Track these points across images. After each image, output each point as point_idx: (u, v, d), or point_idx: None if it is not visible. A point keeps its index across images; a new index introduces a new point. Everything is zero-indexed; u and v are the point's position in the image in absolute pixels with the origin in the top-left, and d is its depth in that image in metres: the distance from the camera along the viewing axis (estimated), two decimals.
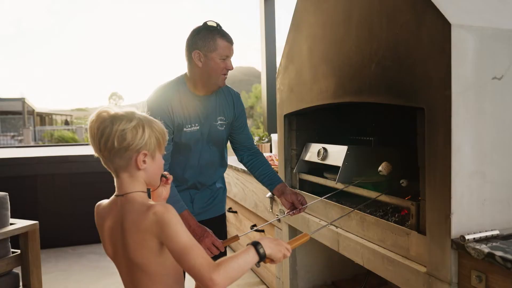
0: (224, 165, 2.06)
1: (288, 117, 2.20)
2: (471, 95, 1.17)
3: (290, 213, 1.86)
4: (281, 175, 2.26)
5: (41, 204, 4.04)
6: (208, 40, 1.75)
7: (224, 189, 2.12)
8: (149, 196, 1.23)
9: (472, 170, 1.18)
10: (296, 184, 2.16)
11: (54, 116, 37.78)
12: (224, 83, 1.85)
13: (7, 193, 2.44)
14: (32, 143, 18.42)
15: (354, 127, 2.21)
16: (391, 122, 2.05)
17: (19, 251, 2.43)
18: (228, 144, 2.08)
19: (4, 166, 3.97)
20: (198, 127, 1.86)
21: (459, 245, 1.15)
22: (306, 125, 2.20)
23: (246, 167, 2.08)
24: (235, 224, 3.63)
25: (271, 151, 3.58)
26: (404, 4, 1.31)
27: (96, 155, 1.15)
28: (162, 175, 1.24)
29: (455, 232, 1.17)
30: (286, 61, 2.15)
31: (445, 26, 1.14)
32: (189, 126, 1.84)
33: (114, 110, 1.12)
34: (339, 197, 1.91)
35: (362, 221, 1.61)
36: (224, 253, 1.83)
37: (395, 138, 1.99)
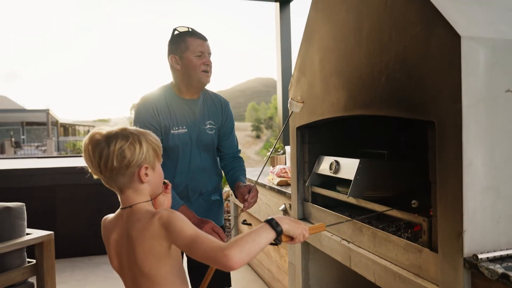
0: (218, 173, 2.05)
1: (301, 129, 2.19)
2: (482, 108, 1.13)
3: (243, 208, 1.84)
4: (294, 187, 2.23)
5: (59, 214, 4.11)
6: (179, 43, 1.82)
7: (221, 202, 2.09)
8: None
9: (485, 186, 1.14)
10: (309, 197, 2.14)
11: (77, 127, 38.67)
12: (207, 80, 1.87)
13: (23, 204, 2.49)
14: (55, 153, 18.87)
15: (367, 139, 2.17)
16: (405, 135, 2.01)
17: (34, 261, 2.47)
18: None
19: (24, 176, 4.08)
20: (185, 130, 1.87)
21: (472, 264, 1.10)
22: (318, 137, 2.18)
23: (224, 173, 2.08)
24: None
25: (285, 163, 3.53)
26: (413, 17, 1.28)
27: (96, 177, 1.15)
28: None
29: (468, 250, 1.13)
30: (298, 73, 2.14)
31: (454, 38, 1.12)
32: (176, 128, 1.86)
33: (106, 130, 1.12)
34: (352, 211, 1.88)
35: (374, 236, 1.57)
36: None
37: (409, 151, 1.95)
